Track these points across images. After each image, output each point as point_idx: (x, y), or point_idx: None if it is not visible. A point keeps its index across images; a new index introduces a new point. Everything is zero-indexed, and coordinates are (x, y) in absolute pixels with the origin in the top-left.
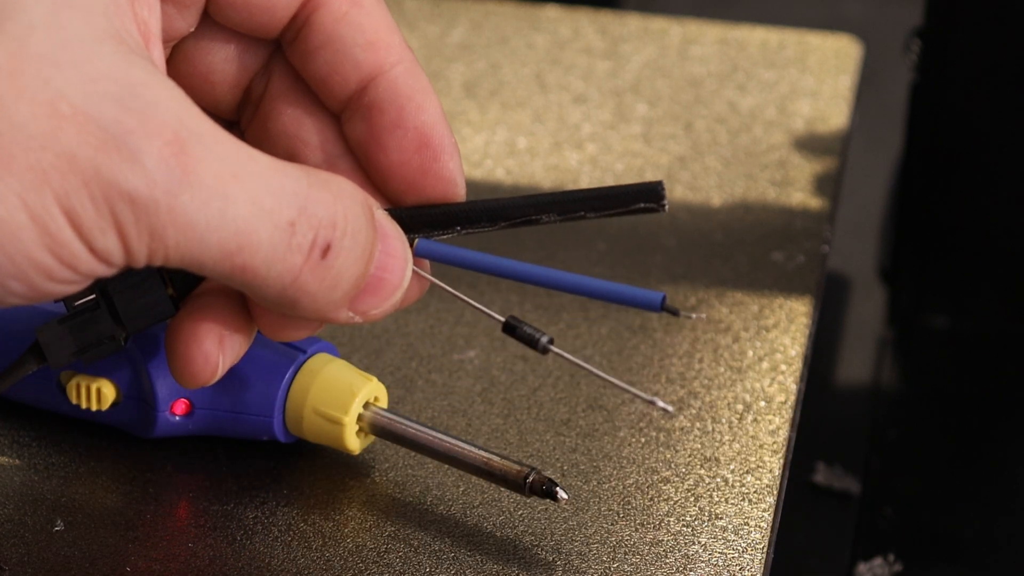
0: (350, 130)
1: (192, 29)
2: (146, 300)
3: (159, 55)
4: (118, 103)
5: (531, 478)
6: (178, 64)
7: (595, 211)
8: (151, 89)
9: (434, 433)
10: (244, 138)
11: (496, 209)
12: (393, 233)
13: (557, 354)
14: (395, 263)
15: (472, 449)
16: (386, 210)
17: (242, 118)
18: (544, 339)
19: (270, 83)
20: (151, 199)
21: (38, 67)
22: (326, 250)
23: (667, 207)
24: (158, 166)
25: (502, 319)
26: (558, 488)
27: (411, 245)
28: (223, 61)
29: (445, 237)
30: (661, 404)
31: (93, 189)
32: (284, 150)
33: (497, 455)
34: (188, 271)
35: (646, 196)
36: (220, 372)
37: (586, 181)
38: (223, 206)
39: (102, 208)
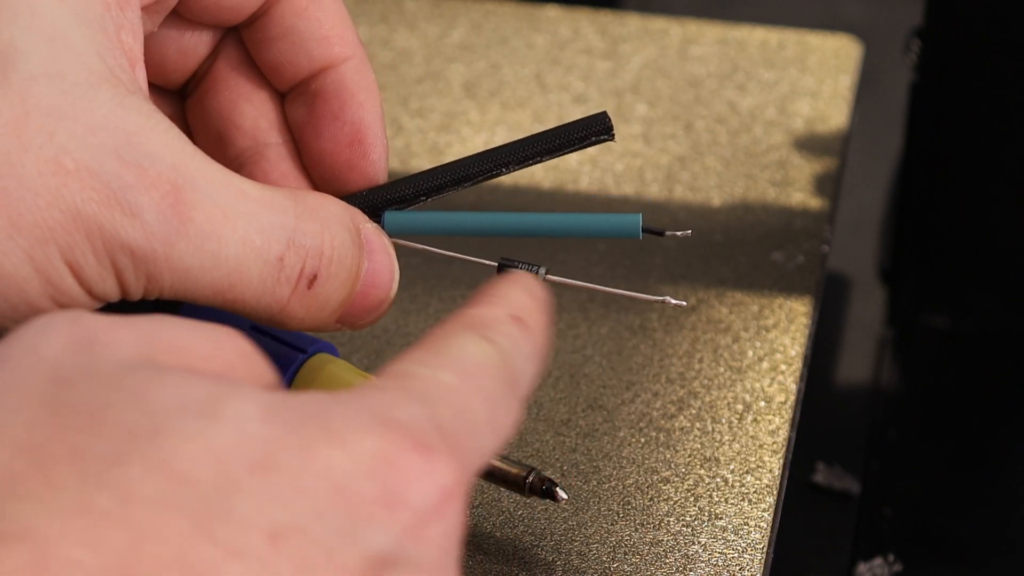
0: (291, 110)
1: (155, 29)
2: None
3: (142, 76)
4: (117, 156)
5: (531, 478)
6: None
7: (550, 152)
8: (146, 137)
9: None
10: (184, 109)
11: (458, 171)
12: (379, 247)
13: (555, 281)
14: (382, 277)
15: None
16: (349, 195)
17: (186, 89)
18: (541, 271)
19: (215, 63)
20: (149, 250)
21: (41, 121)
22: (312, 280)
23: (615, 136)
24: (156, 218)
25: (495, 263)
26: (558, 488)
27: (380, 222)
28: (176, 52)
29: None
30: (673, 301)
31: (96, 242)
32: (216, 131)
33: (497, 455)
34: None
35: (595, 128)
36: None
37: (586, 181)
38: (216, 248)
39: (103, 259)
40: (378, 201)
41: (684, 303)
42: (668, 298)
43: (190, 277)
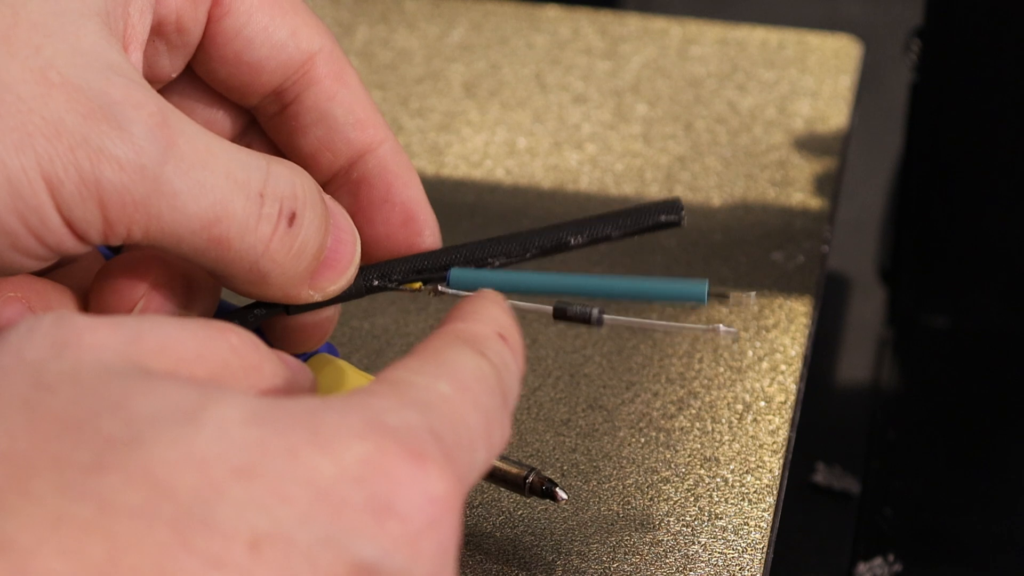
0: None
1: (174, 75)
2: None
3: (137, 61)
4: (103, 76)
5: (531, 478)
6: None
7: (620, 230)
8: (128, 70)
9: None
10: None
11: (528, 240)
12: (338, 211)
13: (612, 321)
14: (345, 237)
15: None
16: (418, 255)
17: None
18: (596, 312)
19: None
20: (138, 166)
21: (30, 35)
22: (292, 218)
23: (685, 221)
24: (145, 135)
25: (549, 308)
26: (558, 488)
27: (445, 277)
28: (208, 122)
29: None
30: (724, 328)
31: (79, 156)
32: None
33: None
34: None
35: (666, 211)
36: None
37: (586, 181)
38: (202, 176)
39: (87, 175)
40: (443, 263)
41: (734, 330)
42: (720, 326)
43: (179, 204)
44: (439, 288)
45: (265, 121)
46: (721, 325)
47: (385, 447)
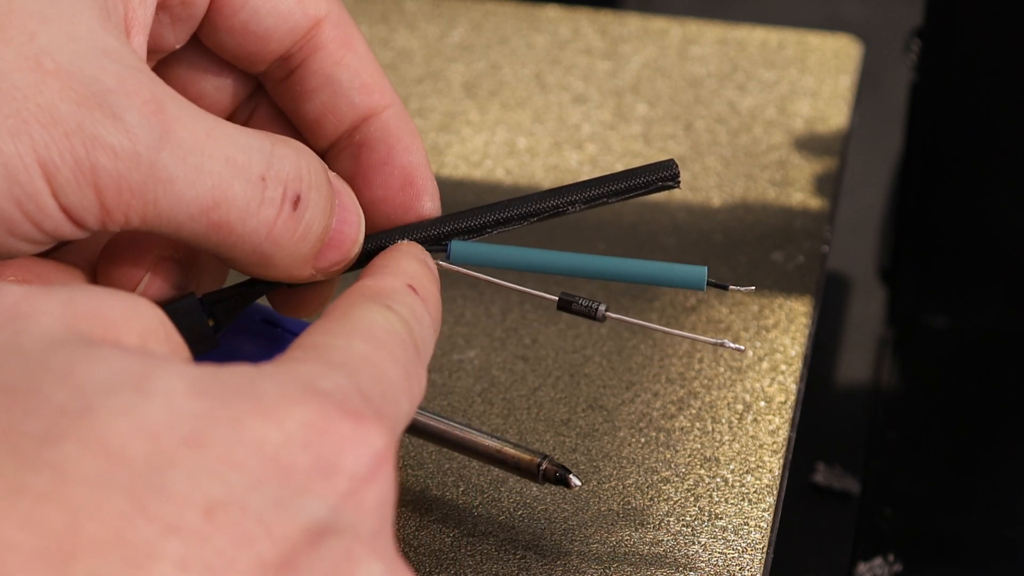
0: (336, 167)
1: (178, 46)
2: (188, 332)
3: (140, 45)
4: (96, 63)
5: (544, 465)
6: (170, 83)
7: (617, 195)
8: (125, 56)
9: (447, 421)
10: None
11: (525, 207)
12: (344, 190)
13: (614, 319)
14: (350, 217)
15: (484, 437)
16: (415, 223)
17: None
18: (601, 308)
19: (251, 119)
20: (133, 154)
21: (24, 21)
22: (296, 202)
23: (680, 183)
24: (139, 123)
25: (555, 297)
26: (570, 475)
27: (445, 251)
28: (215, 89)
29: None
30: (731, 345)
31: (75, 143)
32: None
33: (510, 443)
34: (219, 298)
35: (662, 175)
36: (140, 288)
37: None
38: (199, 162)
39: (83, 162)
40: (443, 231)
41: (742, 348)
42: (726, 341)
43: (175, 190)
44: (440, 263)
45: (271, 86)
46: (728, 340)
47: (324, 410)
